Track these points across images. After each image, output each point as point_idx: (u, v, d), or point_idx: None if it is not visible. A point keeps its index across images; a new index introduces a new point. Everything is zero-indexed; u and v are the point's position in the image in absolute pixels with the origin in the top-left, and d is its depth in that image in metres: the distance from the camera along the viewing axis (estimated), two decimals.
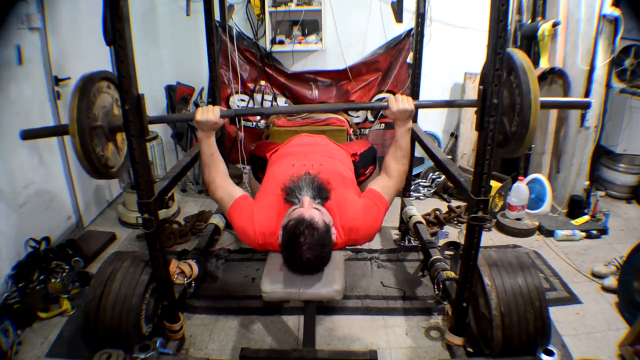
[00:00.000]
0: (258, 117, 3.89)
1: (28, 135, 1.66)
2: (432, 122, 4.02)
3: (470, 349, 1.88)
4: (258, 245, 1.79)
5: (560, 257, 2.81)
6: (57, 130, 1.75)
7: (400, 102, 1.70)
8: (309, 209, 1.65)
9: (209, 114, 1.73)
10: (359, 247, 2.86)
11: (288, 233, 1.60)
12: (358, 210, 1.78)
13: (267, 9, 3.56)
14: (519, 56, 1.55)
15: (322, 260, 1.65)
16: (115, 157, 1.79)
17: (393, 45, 3.73)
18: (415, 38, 2.64)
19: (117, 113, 1.79)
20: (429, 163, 3.88)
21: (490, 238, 3.09)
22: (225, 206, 1.83)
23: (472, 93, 3.79)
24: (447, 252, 2.62)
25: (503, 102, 1.51)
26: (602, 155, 3.59)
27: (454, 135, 4.04)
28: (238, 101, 3.84)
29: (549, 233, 3.07)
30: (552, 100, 1.91)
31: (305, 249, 1.56)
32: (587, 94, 3.04)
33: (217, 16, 2.63)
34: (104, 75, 1.73)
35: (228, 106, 3.84)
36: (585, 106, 1.72)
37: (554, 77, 3.23)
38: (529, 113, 1.48)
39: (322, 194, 1.73)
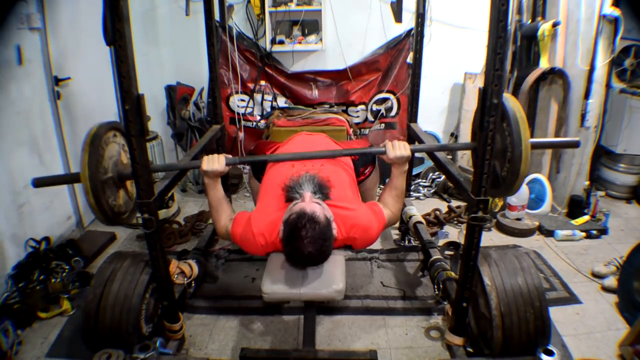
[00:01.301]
0: (258, 117, 3.90)
1: (39, 183, 1.69)
2: (432, 122, 4.02)
3: (470, 349, 1.88)
4: (261, 247, 1.78)
5: (560, 257, 2.81)
6: (68, 179, 1.78)
7: (397, 149, 1.80)
8: (310, 203, 1.65)
9: (214, 164, 1.78)
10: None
11: (289, 227, 1.61)
12: (358, 211, 1.80)
13: (267, 9, 3.56)
14: (512, 105, 1.59)
15: (323, 254, 1.65)
16: (126, 203, 1.82)
17: (393, 45, 3.73)
18: (415, 38, 2.64)
19: (125, 161, 1.81)
20: (429, 163, 3.88)
21: (490, 238, 3.09)
22: (228, 230, 1.84)
23: (472, 93, 3.79)
24: (447, 252, 2.62)
25: (495, 147, 1.58)
26: (602, 155, 3.59)
27: (454, 135, 4.04)
28: (238, 101, 3.85)
29: (549, 233, 3.07)
30: (543, 141, 2.05)
31: (306, 243, 1.56)
32: (587, 94, 3.04)
33: (217, 16, 2.63)
34: (111, 126, 1.75)
35: (228, 106, 3.85)
36: (574, 145, 1.81)
37: (554, 77, 3.23)
38: (520, 162, 1.56)
39: (322, 190, 1.75)
